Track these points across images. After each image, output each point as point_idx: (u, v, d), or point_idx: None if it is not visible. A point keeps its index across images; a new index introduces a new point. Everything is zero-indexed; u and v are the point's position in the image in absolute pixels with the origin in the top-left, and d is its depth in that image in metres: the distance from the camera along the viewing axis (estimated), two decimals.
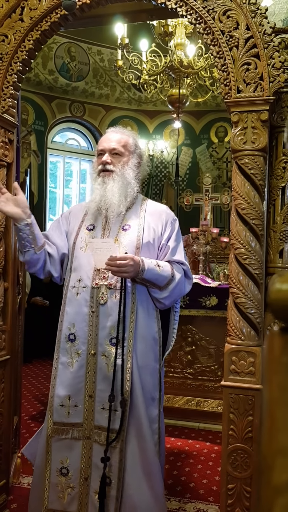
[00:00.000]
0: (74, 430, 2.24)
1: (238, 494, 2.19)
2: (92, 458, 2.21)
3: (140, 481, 2.16)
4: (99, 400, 2.21)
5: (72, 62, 8.36)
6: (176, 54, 5.42)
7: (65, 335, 2.28)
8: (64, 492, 2.24)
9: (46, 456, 2.27)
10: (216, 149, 9.08)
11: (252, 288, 2.22)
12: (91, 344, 2.22)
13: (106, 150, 2.35)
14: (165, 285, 2.25)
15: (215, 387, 4.04)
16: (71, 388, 2.24)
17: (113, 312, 2.21)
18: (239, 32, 2.26)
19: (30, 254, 2.25)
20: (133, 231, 2.30)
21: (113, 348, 2.20)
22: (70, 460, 2.24)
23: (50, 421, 2.27)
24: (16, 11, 2.59)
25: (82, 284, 2.26)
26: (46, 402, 4.70)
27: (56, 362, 2.31)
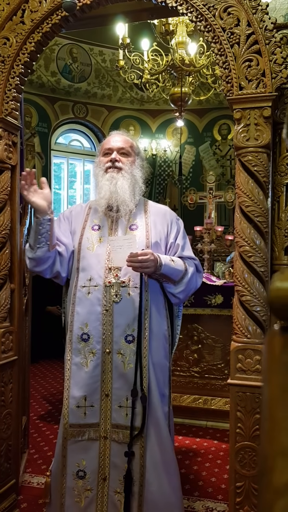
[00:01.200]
0: (91, 430, 2.24)
1: (247, 492, 2.18)
2: (110, 458, 2.21)
3: (160, 477, 2.19)
4: (115, 399, 2.21)
5: (74, 64, 8.37)
6: (177, 52, 5.41)
7: (77, 335, 2.27)
8: (81, 495, 2.23)
9: (62, 460, 2.25)
10: (219, 146, 9.07)
11: (257, 285, 2.22)
12: (106, 343, 2.22)
13: (114, 149, 2.37)
14: (179, 279, 2.29)
15: (222, 385, 4.03)
16: (87, 388, 2.23)
17: (127, 309, 2.23)
18: (240, 28, 2.25)
19: (44, 250, 2.23)
20: (141, 230, 2.33)
21: (129, 345, 2.21)
22: (86, 462, 2.23)
23: (65, 424, 2.25)
24: (17, 14, 2.59)
25: (93, 283, 2.26)
26: (54, 401, 4.75)
27: (68, 363, 2.29)
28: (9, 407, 2.66)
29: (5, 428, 2.63)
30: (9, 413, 2.66)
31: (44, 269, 2.31)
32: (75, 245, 2.37)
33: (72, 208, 2.57)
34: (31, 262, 2.31)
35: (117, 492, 2.19)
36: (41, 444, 3.67)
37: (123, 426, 2.20)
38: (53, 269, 2.32)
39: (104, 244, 2.32)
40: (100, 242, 2.33)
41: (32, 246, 2.26)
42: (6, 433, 2.64)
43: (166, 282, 2.30)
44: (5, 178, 2.64)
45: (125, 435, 2.20)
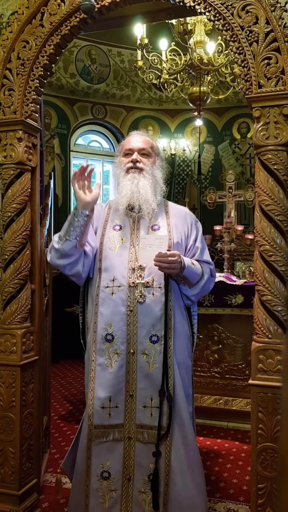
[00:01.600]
0: (115, 431, 2.24)
1: (269, 493, 2.16)
2: (135, 458, 2.22)
3: (185, 476, 2.20)
4: (140, 399, 2.22)
5: (92, 65, 8.41)
6: (196, 51, 5.39)
7: (102, 335, 2.27)
8: (105, 496, 2.24)
9: (86, 461, 2.26)
10: (238, 145, 9.00)
11: (278, 285, 2.19)
12: (130, 343, 2.23)
13: (135, 150, 2.38)
14: (196, 283, 2.31)
15: (243, 386, 4.00)
16: (111, 389, 2.23)
17: (152, 310, 2.23)
18: (259, 26, 2.23)
19: (70, 245, 2.23)
20: (163, 231, 2.34)
21: (154, 346, 2.22)
22: (110, 462, 2.24)
23: (90, 425, 2.25)
24: (36, 17, 2.62)
25: (117, 284, 2.27)
26: (75, 401, 4.78)
27: (92, 364, 2.28)
28: (30, 407, 2.69)
29: (26, 427, 2.65)
30: (30, 412, 2.69)
31: (65, 264, 2.29)
32: (97, 245, 2.37)
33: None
34: (54, 253, 2.29)
35: (142, 491, 2.21)
36: (62, 444, 3.70)
37: (147, 426, 2.22)
38: (74, 267, 2.31)
39: (126, 244, 2.32)
40: (122, 242, 2.33)
41: (61, 237, 2.25)
42: (27, 433, 2.66)
43: (183, 284, 2.32)
44: (25, 180, 2.67)
45: (149, 435, 2.21)
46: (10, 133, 2.66)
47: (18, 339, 2.59)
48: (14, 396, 2.59)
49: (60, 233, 2.27)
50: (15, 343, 2.60)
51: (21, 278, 2.63)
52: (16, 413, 2.59)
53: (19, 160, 2.63)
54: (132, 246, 2.32)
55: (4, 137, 2.67)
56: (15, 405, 2.59)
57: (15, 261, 2.63)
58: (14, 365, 2.59)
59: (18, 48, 2.64)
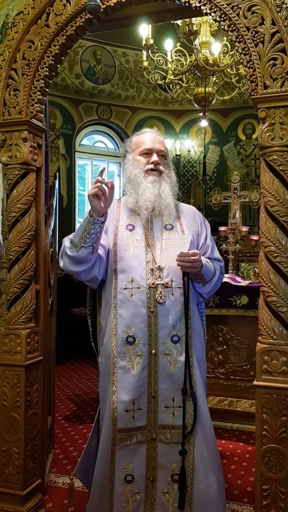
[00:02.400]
0: (138, 434, 2.23)
1: (273, 495, 2.16)
2: (157, 459, 2.22)
3: (208, 474, 2.20)
4: (162, 400, 2.21)
5: (98, 65, 8.42)
6: (201, 52, 5.39)
7: (122, 338, 2.23)
8: (129, 500, 2.22)
9: (110, 466, 2.23)
10: (244, 146, 8.99)
11: (283, 286, 2.19)
12: (152, 344, 2.22)
13: (154, 151, 2.35)
14: (209, 280, 2.34)
15: (248, 387, 3.99)
16: (135, 392, 2.21)
17: (172, 310, 2.23)
18: (265, 27, 2.23)
19: (87, 252, 2.18)
20: (177, 231, 2.34)
21: (175, 346, 2.22)
22: (134, 465, 2.22)
23: (114, 429, 2.21)
24: (42, 17, 2.62)
25: (136, 285, 2.24)
26: (79, 402, 4.78)
27: (113, 367, 2.23)
28: (34, 407, 2.69)
29: (31, 428, 2.66)
30: (34, 413, 2.69)
31: (81, 271, 2.25)
32: (110, 246, 2.33)
33: None
34: (68, 260, 2.25)
35: (165, 492, 2.21)
36: (66, 445, 3.70)
37: (170, 426, 2.22)
38: (90, 273, 2.27)
39: (142, 245, 2.29)
40: (138, 243, 2.30)
41: (75, 244, 2.19)
42: (32, 433, 2.67)
43: (198, 282, 2.33)
44: (30, 180, 2.67)
45: (172, 435, 2.21)
46: (15, 133, 2.66)
47: (22, 339, 2.60)
48: (19, 396, 2.60)
49: (73, 238, 2.22)
50: (19, 343, 2.60)
51: (25, 279, 2.63)
52: (20, 413, 2.60)
53: (24, 160, 2.63)
54: (148, 247, 2.29)
55: (9, 137, 2.67)
56: (19, 405, 2.60)
57: (20, 261, 2.64)
58: (19, 365, 2.60)
59: (24, 48, 2.65)
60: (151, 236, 2.32)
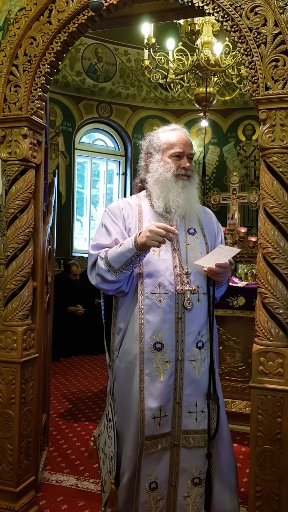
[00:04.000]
0: (163, 440, 2.20)
1: (267, 496, 2.16)
2: (179, 464, 2.21)
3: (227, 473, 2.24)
4: (186, 405, 2.19)
5: (99, 63, 8.40)
6: (203, 52, 5.38)
7: (150, 344, 2.17)
8: (153, 507, 2.19)
9: (137, 475, 2.18)
10: (243, 147, 8.99)
11: (280, 288, 2.19)
12: (178, 351, 2.19)
13: (186, 154, 2.28)
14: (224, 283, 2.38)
15: (243, 388, 4.00)
16: (162, 399, 2.17)
17: (198, 316, 2.22)
18: (267, 28, 2.23)
19: (125, 276, 2.15)
20: (199, 235, 2.33)
21: (200, 351, 2.21)
22: (158, 472, 2.19)
23: (141, 437, 2.15)
24: (44, 14, 2.61)
25: (164, 291, 2.18)
26: (74, 400, 4.78)
27: (141, 374, 2.17)
28: (29, 404, 2.69)
29: (25, 425, 2.65)
30: (29, 410, 2.69)
31: (114, 289, 2.21)
32: None
33: (120, 205, 2.35)
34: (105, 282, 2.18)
35: (186, 496, 2.20)
36: (61, 442, 3.70)
37: (192, 431, 2.20)
38: (120, 288, 2.22)
39: (168, 248, 2.23)
40: (164, 247, 2.20)
41: (115, 270, 2.13)
42: (26, 430, 2.66)
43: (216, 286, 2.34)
44: (29, 177, 2.67)
45: (195, 440, 2.20)
46: (15, 130, 2.65)
47: (19, 336, 2.59)
48: (14, 393, 2.59)
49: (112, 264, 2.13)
50: (15, 340, 2.59)
51: (23, 275, 2.63)
52: (15, 410, 2.59)
53: (24, 156, 2.63)
54: (174, 251, 2.24)
55: (9, 133, 2.66)
56: (14, 402, 2.59)
57: (18, 258, 2.63)
58: (14, 362, 2.59)
59: (25, 44, 2.64)
60: (177, 240, 2.26)
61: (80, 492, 2.93)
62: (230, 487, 2.25)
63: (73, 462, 3.35)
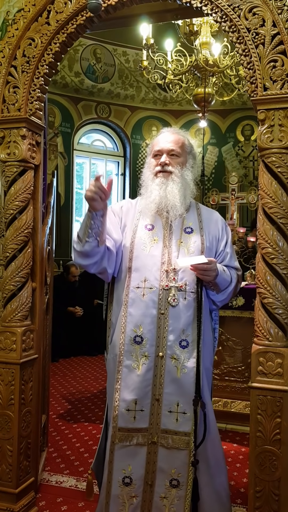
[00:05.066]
0: (139, 435, 2.19)
1: (266, 496, 2.16)
2: (157, 463, 2.19)
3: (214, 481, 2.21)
4: (166, 404, 2.18)
5: (97, 64, 8.40)
6: (201, 53, 5.38)
7: (130, 337, 2.21)
8: (126, 503, 2.19)
9: (109, 466, 2.20)
10: (242, 147, 9.00)
11: (280, 288, 2.19)
12: (159, 347, 2.19)
13: (164, 151, 2.31)
14: (224, 288, 2.30)
15: (242, 388, 4.00)
16: (138, 392, 2.18)
17: (183, 314, 2.20)
18: (265, 29, 2.23)
19: (93, 245, 2.16)
20: (196, 235, 2.31)
21: (183, 351, 2.19)
22: (132, 467, 2.19)
23: (114, 427, 2.19)
24: (42, 15, 2.62)
25: (149, 285, 2.21)
26: (74, 401, 4.78)
27: (119, 365, 2.22)
28: (29, 405, 2.69)
29: (24, 426, 2.65)
30: (29, 411, 2.69)
31: (90, 264, 2.23)
32: (127, 244, 2.30)
33: (121, 203, 2.47)
34: (77, 254, 2.24)
35: (163, 497, 2.17)
36: (60, 443, 3.69)
37: (172, 431, 2.18)
38: (100, 265, 2.25)
39: (159, 245, 2.27)
40: (155, 243, 2.27)
41: (80, 239, 2.18)
42: (25, 431, 2.66)
43: (212, 289, 2.30)
44: (28, 178, 2.67)
45: (174, 440, 2.17)
46: (14, 131, 2.65)
47: (18, 337, 2.59)
48: (13, 394, 2.59)
49: (78, 233, 2.22)
50: (15, 341, 2.59)
51: (22, 276, 2.63)
52: (14, 411, 2.59)
53: (23, 157, 2.63)
54: (165, 248, 2.26)
55: (8, 134, 2.67)
56: (13, 403, 2.59)
57: (17, 259, 2.63)
58: (14, 363, 2.59)
59: (24, 45, 2.64)
60: (170, 237, 2.28)
61: (79, 493, 2.93)
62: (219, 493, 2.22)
63: (73, 463, 3.35)
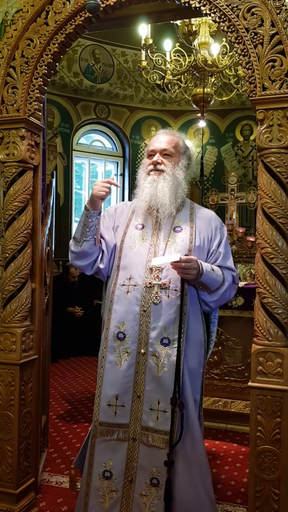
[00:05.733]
0: (120, 431, 2.23)
1: (266, 496, 2.16)
2: (138, 460, 2.20)
3: (195, 482, 2.18)
4: (147, 401, 2.20)
5: (96, 64, 8.41)
6: (200, 53, 5.38)
7: (114, 333, 2.27)
8: (105, 496, 2.21)
9: (89, 458, 2.24)
10: (241, 147, 9.00)
11: (279, 288, 2.19)
12: (141, 344, 2.22)
13: (157, 151, 2.36)
14: (215, 289, 2.29)
15: (242, 388, 4.00)
16: (119, 388, 2.22)
17: (165, 312, 2.21)
18: (264, 29, 2.23)
19: (90, 244, 2.27)
20: (185, 233, 2.32)
21: (164, 348, 2.19)
22: (113, 462, 2.22)
23: (95, 421, 2.24)
24: (41, 15, 2.61)
25: (133, 283, 2.26)
26: (74, 401, 4.78)
27: (103, 360, 2.28)
28: (29, 406, 2.69)
29: (24, 426, 2.65)
30: (28, 411, 2.69)
31: (87, 264, 2.33)
32: (118, 243, 2.37)
33: (117, 205, 2.56)
34: (74, 256, 2.33)
35: (143, 494, 2.18)
36: (60, 444, 3.69)
37: (152, 429, 2.19)
38: (95, 265, 2.35)
39: (146, 244, 2.31)
40: (143, 242, 2.32)
41: (78, 240, 2.28)
42: (25, 432, 2.66)
43: (202, 289, 2.29)
44: (27, 178, 2.67)
45: (154, 439, 2.18)
46: (13, 131, 2.65)
47: (17, 337, 2.59)
48: (13, 395, 2.59)
49: (75, 235, 2.31)
50: (14, 341, 2.59)
51: (21, 277, 2.63)
52: (14, 411, 2.59)
53: (22, 158, 2.63)
54: (152, 246, 2.30)
55: (6, 134, 2.66)
56: (13, 404, 2.59)
57: (16, 259, 2.63)
58: (13, 364, 2.59)
59: (23, 46, 2.64)
60: (158, 236, 2.32)
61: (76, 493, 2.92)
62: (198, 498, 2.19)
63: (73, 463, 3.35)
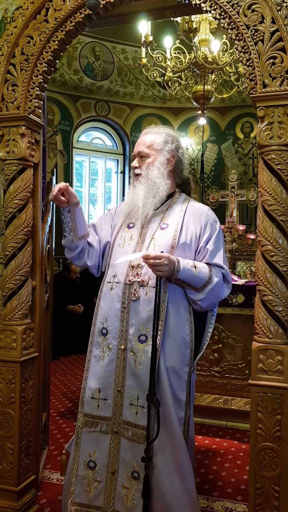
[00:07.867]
0: (103, 423, 2.31)
1: (267, 493, 2.16)
2: (119, 453, 2.27)
3: (173, 478, 2.18)
4: (127, 396, 2.26)
5: (96, 62, 8.40)
6: (200, 50, 5.38)
7: (98, 329, 2.36)
8: (90, 485, 2.30)
9: (75, 448, 2.34)
10: (242, 145, 8.99)
11: (279, 285, 2.19)
12: (122, 340, 2.28)
13: (135, 155, 2.44)
14: (201, 287, 2.25)
15: (242, 385, 4.00)
16: (101, 381, 2.30)
17: (142, 309, 2.25)
18: (264, 26, 2.22)
19: (68, 239, 2.39)
20: (170, 230, 2.32)
21: (141, 345, 2.23)
22: (97, 453, 2.31)
23: (81, 412, 2.35)
24: (41, 13, 2.61)
25: (116, 280, 2.33)
26: (74, 399, 4.79)
27: (89, 354, 2.39)
28: (29, 403, 2.69)
29: (25, 424, 2.65)
30: (29, 409, 2.69)
31: (72, 257, 2.45)
32: (111, 242, 2.46)
33: (120, 205, 2.64)
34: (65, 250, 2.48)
35: (125, 487, 2.24)
36: (61, 441, 3.70)
37: (132, 424, 2.25)
38: (81, 259, 2.45)
39: (133, 242, 2.36)
40: (131, 240, 2.38)
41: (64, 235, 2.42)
42: (26, 429, 2.67)
43: (188, 287, 2.27)
44: (27, 176, 2.66)
45: (133, 433, 2.23)
46: (13, 129, 2.65)
47: (18, 335, 2.59)
48: (14, 392, 2.59)
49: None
50: (15, 339, 2.59)
51: (22, 275, 2.63)
52: (15, 409, 2.59)
53: (22, 156, 2.63)
54: (138, 244, 2.35)
55: (7, 132, 2.66)
56: (14, 401, 2.59)
57: (16, 257, 2.63)
58: (14, 361, 2.59)
59: (22, 43, 2.64)
60: (144, 234, 2.36)
61: None
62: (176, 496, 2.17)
63: None
